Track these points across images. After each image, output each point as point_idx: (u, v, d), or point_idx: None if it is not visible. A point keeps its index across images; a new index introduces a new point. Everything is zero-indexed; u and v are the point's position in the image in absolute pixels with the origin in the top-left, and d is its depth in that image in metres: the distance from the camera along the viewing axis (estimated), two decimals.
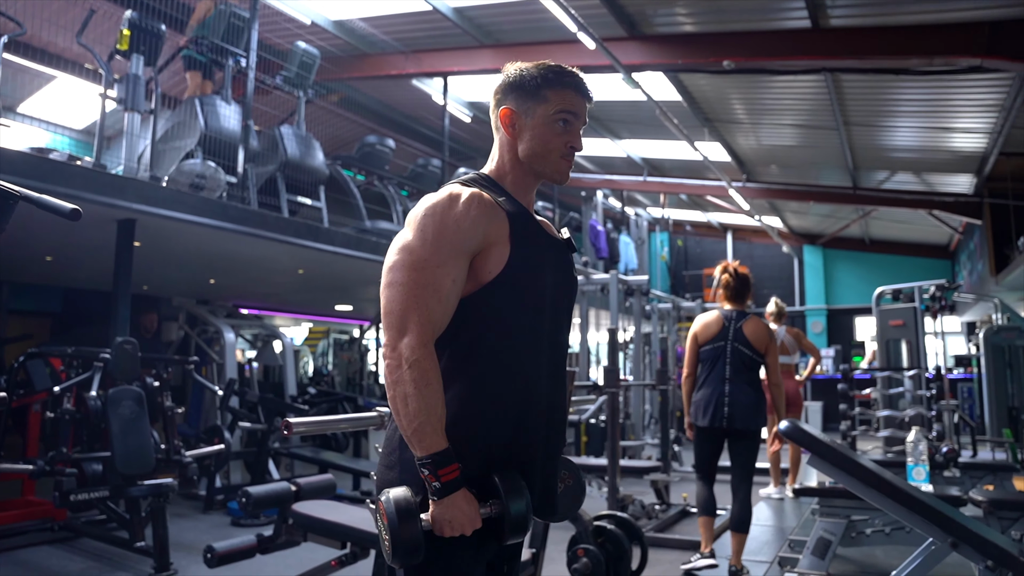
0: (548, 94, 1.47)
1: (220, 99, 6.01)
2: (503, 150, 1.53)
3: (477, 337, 1.40)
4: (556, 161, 1.49)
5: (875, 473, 2.53)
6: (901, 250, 14.77)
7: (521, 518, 1.34)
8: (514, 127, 1.49)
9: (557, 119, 1.47)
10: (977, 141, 8.31)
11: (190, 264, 6.56)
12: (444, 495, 1.29)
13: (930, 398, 6.83)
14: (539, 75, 1.48)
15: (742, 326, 3.94)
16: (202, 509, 5.36)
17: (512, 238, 1.42)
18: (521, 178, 1.52)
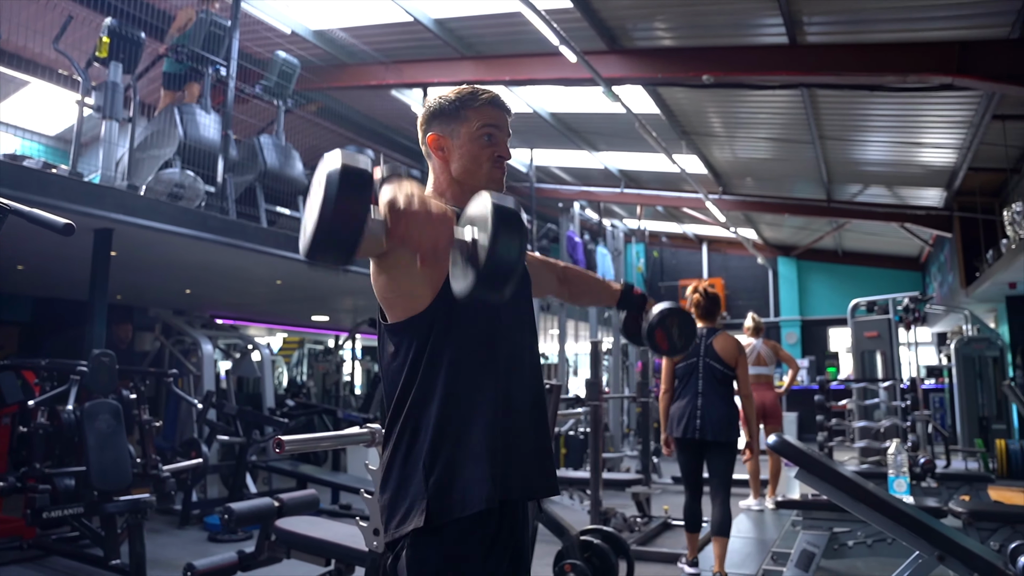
0: (467, 113, 1.53)
1: (199, 108, 5.95)
2: (437, 174, 1.58)
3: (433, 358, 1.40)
4: (488, 171, 1.54)
5: (863, 487, 2.55)
6: (873, 262, 15.02)
7: (512, 261, 1.05)
8: (443, 150, 1.55)
9: (481, 134, 1.53)
10: (947, 156, 8.48)
11: (167, 274, 6.47)
12: (393, 174, 1.18)
13: (905, 409, 6.93)
14: (456, 99, 1.55)
15: (712, 342, 4.19)
16: (178, 524, 5.25)
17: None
18: (459, 194, 1.54)
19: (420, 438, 1.37)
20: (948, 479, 5.10)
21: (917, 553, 2.56)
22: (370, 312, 9.63)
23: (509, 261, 1.04)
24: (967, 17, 5.59)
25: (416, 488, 1.34)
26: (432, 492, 1.32)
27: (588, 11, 6.51)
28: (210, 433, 5.41)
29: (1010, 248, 7.54)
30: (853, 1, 5.57)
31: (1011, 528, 3.65)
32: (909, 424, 6.75)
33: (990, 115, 6.90)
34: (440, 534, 1.31)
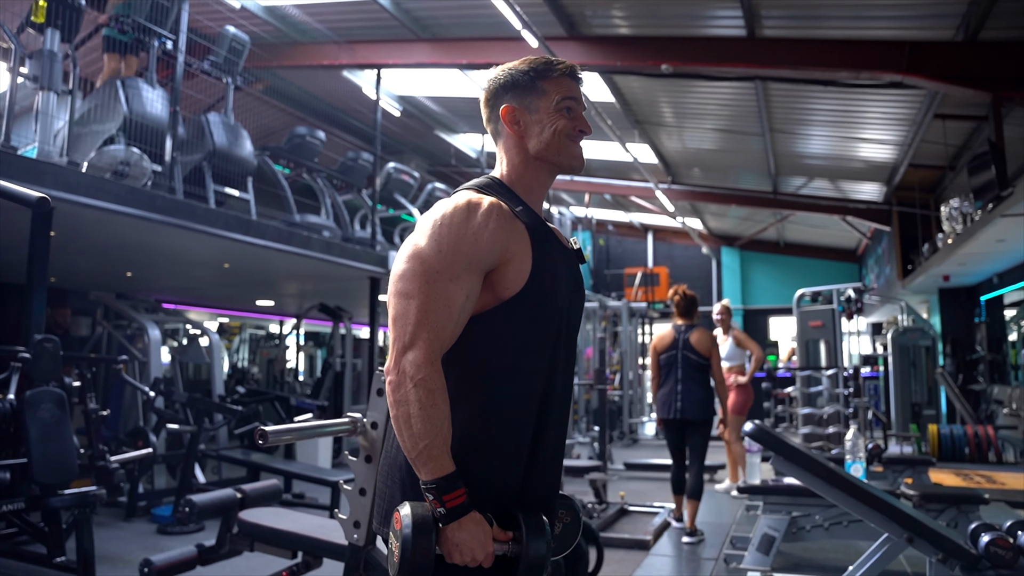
0: (544, 85, 1.43)
1: (144, 82, 5.67)
2: (511, 151, 1.46)
3: (489, 357, 1.32)
4: (569, 148, 1.44)
5: (838, 473, 2.61)
6: (813, 253, 15.49)
7: (540, 560, 1.26)
8: (519, 124, 1.44)
9: (561, 107, 1.43)
10: (889, 152, 8.78)
11: (107, 256, 6.17)
12: (449, 521, 1.22)
13: (847, 396, 7.15)
14: (530, 70, 1.44)
15: (689, 336, 4.87)
16: (124, 517, 5.04)
17: (534, 254, 1.35)
18: (535, 178, 1.46)
19: None
20: (893, 463, 5.29)
21: (887, 535, 2.64)
22: (317, 297, 9.43)
23: (539, 564, 1.27)
24: (916, 18, 5.77)
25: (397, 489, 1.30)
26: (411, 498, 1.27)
27: None
28: (158, 422, 5.19)
29: (946, 243, 7.86)
30: None
31: (956, 508, 3.81)
32: (852, 411, 6.98)
33: (932, 114, 7.15)
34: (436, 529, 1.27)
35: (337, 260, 6.82)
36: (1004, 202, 5.83)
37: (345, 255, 6.98)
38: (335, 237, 7.35)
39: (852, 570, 2.69)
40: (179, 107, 5.55)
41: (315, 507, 5.29)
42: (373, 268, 7.39)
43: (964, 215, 7.18)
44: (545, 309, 1.36)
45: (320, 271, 7.37)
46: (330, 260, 6.73)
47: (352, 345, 8.78)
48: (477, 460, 1.29)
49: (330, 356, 8.89)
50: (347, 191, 8.75)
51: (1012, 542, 2.56)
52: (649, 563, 4.17)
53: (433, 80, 9.27)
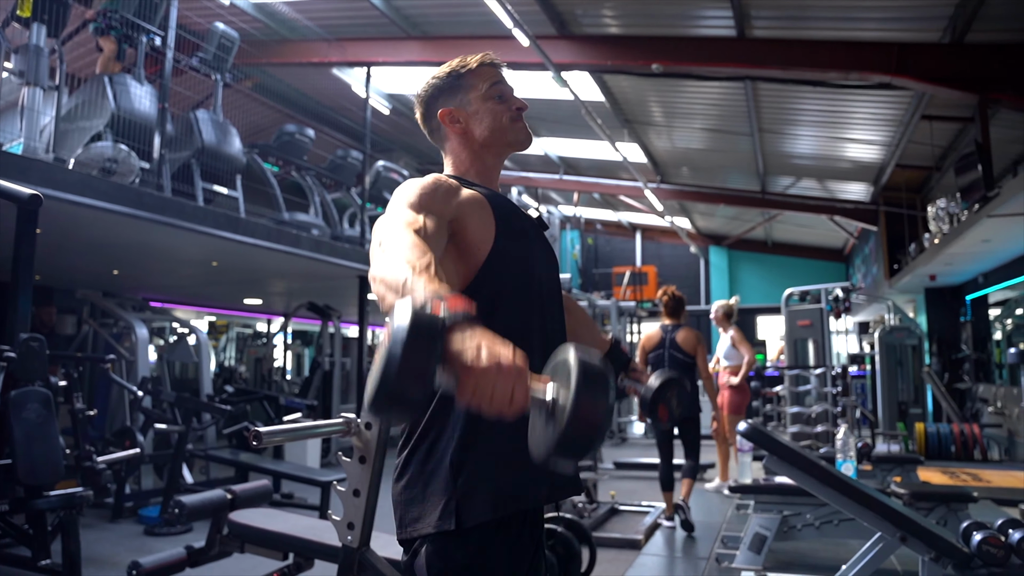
0: (468, 80, 1.49)
1: (132, 78, 5.61)
2: (456, 149, 1.52)
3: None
4: (511, 128, 1.50)
5: (832, 473, 2.61)
6: (800, 252, 15.57)
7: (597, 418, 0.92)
8: (459, 122, 1.49)
9: (491, 94, 1.49)
10: (876, 153, 8.83)
11: (93, 253, 6.10)
12: (456, 321, 0.94)
13: (836, 395, 7.19)
14: (449, 72, 1.52)
15: (675, 336, 5.13)
16: (110, 518, 4.98)
17: (494, 211, 1.38)
18: (484, 165, 1.51)
19: (447, 434, 1.28)
20: (881, 461, 5.32)
21: (880, 534, 2.64)
22: (305, 295, 9.38)
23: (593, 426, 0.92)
24: (904, 20, 5.81)
25: (440, 486, 1.26)
26: (462, 492, 1.24)
27: None
28: (146, 421, 5.14)
29: (933, 242, 7.92)
30: None
31: (946, 507, 3.83)
32: (840, 409, 7.01)
33: (919, 115, 7.21)
34: (466, 535, 1.24)
35: (326, 259, 6.78)
36: (991, 202, 5.88)
37: (334, 254, 6.94)
38: (324, 235, 7.31)
39: (845, 569, 2.70)
40: (168, 104, 5.49)
41: (304, 507, 5.26)
42: (362, 267, 7.36)
43: (951, 215, 7.24)
44: (519, 272, 1.37)
45: (309, 269, 7.32)
46: (319, 259, 6.69)
47: (341, 344, 8.74)
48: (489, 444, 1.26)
49: (319, 355, 8.85)
50: (336, 189, 8.71)
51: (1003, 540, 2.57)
52: (641, 562, 4.17)
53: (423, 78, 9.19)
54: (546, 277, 1.45)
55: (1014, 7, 5.38)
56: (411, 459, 1.32)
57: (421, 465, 1.30)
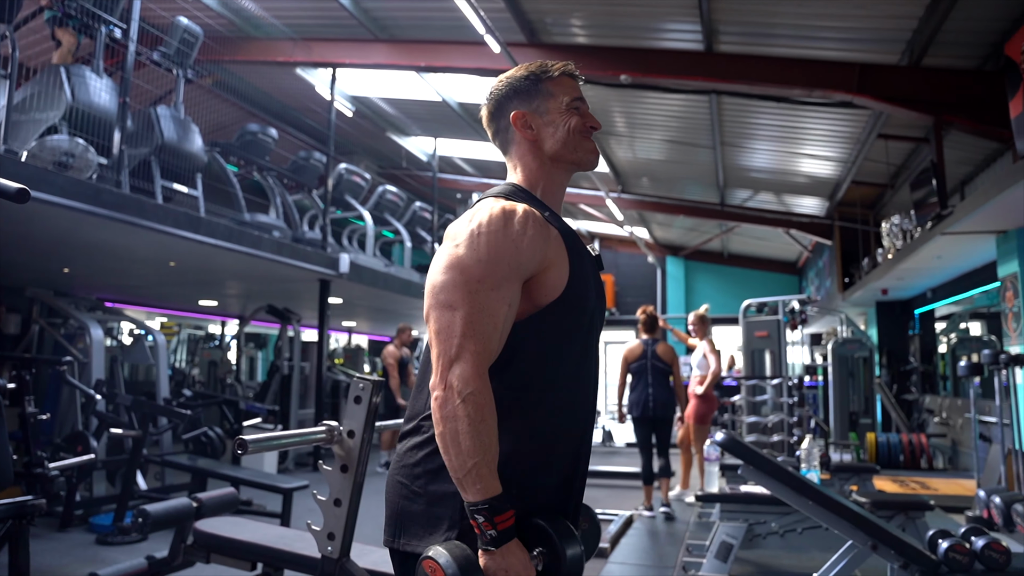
0: (548, 87, 1.43)
1: (90, 70, 5.43)
2: (526, 156, 1.44)
3: (530, 365, 1.29)
4: (583, 145, 1.43)
5: (807, 484, 2.66)
6: (755, 264, 15.88)
7: (577, 564, 1.22)
8: (532, 128, 1.42)
9: (570, 107, 1.43)
10: (833, 169, 9.07)
11: (45, 251, 5.87)
12: (501, 543, 1.16)
13: (792, 405, 7.33)
14: (530, 74, 1.44)
15: (656, 348, 5.92)
16: (58, 527, 4.78)
17: (570, 259, 1.33)
18: (553, 180, 1.45)
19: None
20: (839, 470, 5.45)
21: (851, 543, 2.70)
22: (264, 298, 9.19)
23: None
24: (865, 41, 5.98)
25: (446, 512, 1.23)
26: (466, 527, 1.21)
27: (511, 2, 6.46)
28: (100, 426, 4.95)
29: (886, 258, 8.15)
30: (769, 16, 5.81)
31: (904, 515, 3.93)
32: (796, 419, 7.15)
33: (876, 134, 7.42)
34: None
35: (287, 261, 6.66)
36: (944, 220, 6.08)
37: (295, 256, 6.82)
38: (285, 237, 7.18)
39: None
40: (128, 98, 5.32)
41: (264, 515, 5.13)
42: (323, 270, 7.25)
43: (904, 231, 7.46)
44: (579, 315, 1.34)
45: (269, 272, 7.18)
46: (280, 261, 6.57)
47: (300, 348, 8.58)
48: (522, 470, 1.25)
49: (277, 359, 8.67)
50: (297, 191, 8.57)
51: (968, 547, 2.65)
52: (608, 571, 4.17)
53: (388, 81, 9.17)
54: (598, 316, 1.42)
55: (967, 35, 5.59)
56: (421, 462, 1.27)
57: (431, 478, 1.26)
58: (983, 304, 8.81)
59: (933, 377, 10.11)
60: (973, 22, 5.40)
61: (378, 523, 1.39)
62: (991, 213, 5.40)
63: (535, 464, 1.28)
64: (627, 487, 7.17)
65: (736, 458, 2.76)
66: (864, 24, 5.73)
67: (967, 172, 7.86)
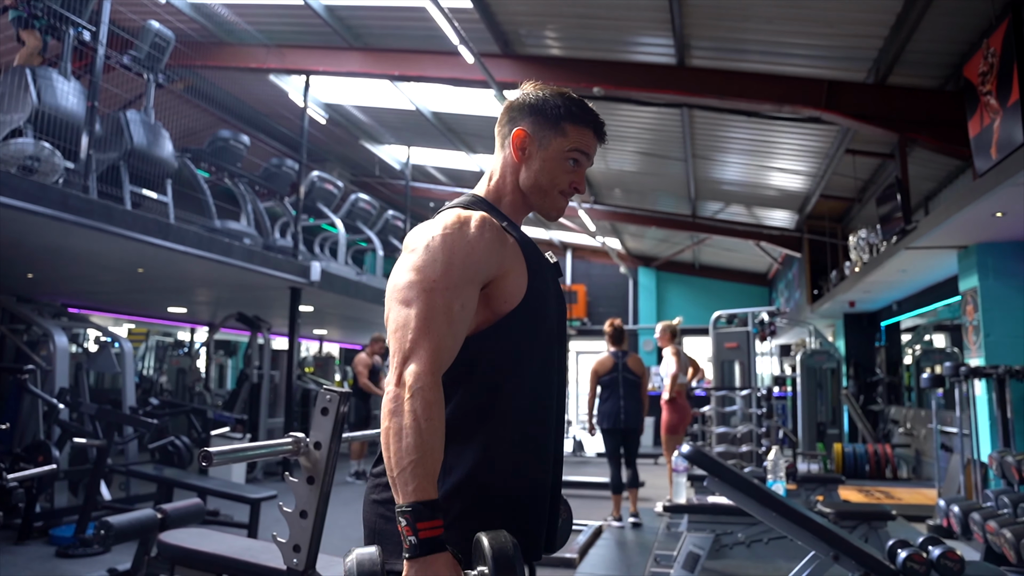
0: (568, 128, 1.40)
1: (57, 73, 5.35)
2: (505, 171, 1.44)
3: (494, 374, 1.30)
4: (556, 198, 1.43)
5: (770, 495, 2.69)
6: (726, 276, 16.06)
7: None
8: (524, 151, 1.41)
9: (570, 156, 1.40)
10: (802, 183, 9.23)
11: (8, 255, 5.76)
12: (420, 554, 1.10)
13: (761, 416, 7.42)
14: (562, 105, 1.40)
15: (626, 361, 5.99)
16: (16, 539, 4.67)
17: (528, 267, 1.34)
18: (518, 202, 1.45)
19: (441, 473, 1.24)
20: (805, 481, 5.52)
21: (814, 553, 2.74)
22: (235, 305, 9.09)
23: None
24: (833, 59, 6.11)
25: None
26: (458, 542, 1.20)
27: (485, 12, 6.51)
28: (62, 435, 4.85)
29: (853, 271, 8.30)
30: (740, 32, 5.91)
31: (868, 524, 3.99)
32: (764, 430, 7.23)
33: (844, 149, 7.57)
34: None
35: (258, 268, 6.60)
36: (908, 235, 6.21)
37: (266, 264, 6.76)
38: (256, 245, 7.12)
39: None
40: (97, 102, 5.25)
41: (231, 525, 5.07)
42: (294, 278, 7.19)
43: (871, 245, 7.61)
44: (540, 322, 1.35)
45: (240, 279, 7.11)
46: (251, 268, 6.50)
47: (270, 356, 8.50)
48: (493, 478, 1.26)
49: (247, 367, 8.58)
50: (269, 198, 8.51)
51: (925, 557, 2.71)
52: None
53: (361, 89, 9.16)
54: (560, 328, 1.43)
55: (930, 56, 5.74)
56: None
57: None
58: (946, 317, 9.00)
59: (898, 388, 10.29)
60: (935, 43, 5.55)
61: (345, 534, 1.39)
62: (952, 229, 5.53)
63: (503, 472, 1.28)
64: (597, 497, 7.19)
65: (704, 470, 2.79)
66: (832, 42, 5.86)
67: (931, 188, 8.05)
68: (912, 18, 5.14)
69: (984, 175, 4.85)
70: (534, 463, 1.33)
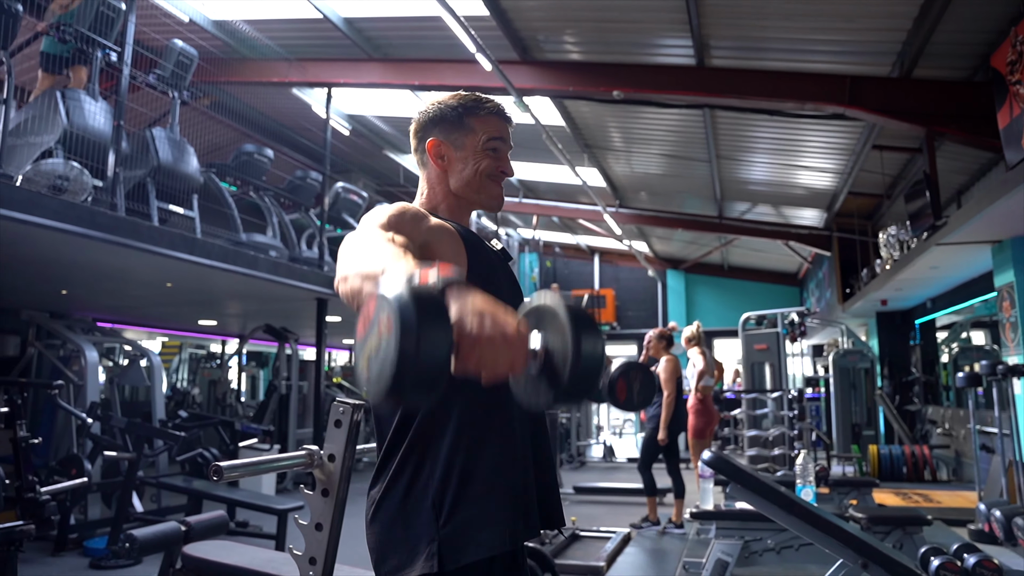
0: (473, 123, 1.44)
1: (85, 94, 5.47)
2: (433, 184, 1.48)
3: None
4: (489, 187, 1.46)
5: (796, 502, 2.64)
6: (755, 276, 15.85)
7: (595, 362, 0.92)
8: (443, 158, 1.45)
9: (487, 147, 1.44)
10: (829, 180, 9.07)
11: (41, 273, 5.90)
12: (451, 281, 0.91)
13: (792, 418, 7.30)
14: (459, 105, 1.46)
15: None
16: (52, 551, 4.76)
17: (468, 251, 1.35)
18: (454, 207, 1.47)
19: (425, 471, 1.25)
20: (838, 484, 5.41)
21: (841, 561, 2.67)
22: (262, 317, 9.19)
23: (595, 369, 0.93)
24: (856, 54, 6.00)
25: (422, 529, 1.23)
26: (445, 534, 1.21)
27: (503, 20, 6.51)
28: (94, 448, 4.94)
29: (884, 268, 8.14)
30: (759, 30, 5.84)
31: (902, 530, 3.90)
32: (796, 433, 7.12)
33: (870, 145, 7.43)
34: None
35: (284, 280, 6.67)
36: (938, 231, 6.07)
37: (292, 275, 6.83)
38: (282, 257, 7.20)
39: None
40: (123, 121, 5.36)
41: (260, 536, 5.11)
42: (320, 289, 7.25)
43: (901, 242, 7.45)
44: None
45: (266, 291, 7.19)
46: (276, 280, 6.58)
47: (298, 367, 8.58)
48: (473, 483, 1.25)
49: (275, 378, 8.67)
50: (294, 210, 8.60)
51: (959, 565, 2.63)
52: None
53: (383, 100, 9.23)
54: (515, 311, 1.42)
55: (956, 47, 5.61)
56: (386, 498, 1.28)
57: (400, 505, 1.26)
58: (984, 313, 8.78)
59: (936, 387, 10.06)
60: (961, 34, 5.42)
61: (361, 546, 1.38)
62: (985, 223, 5.39)
63: (477, 452, 1.27)
64: (627, 503, 7.13)
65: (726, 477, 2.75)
66: (853, 36, 5.76)
67: (963, 181, 7.86)
68: (936, 8, 5.02)
69: (1016, 167, 4.72)
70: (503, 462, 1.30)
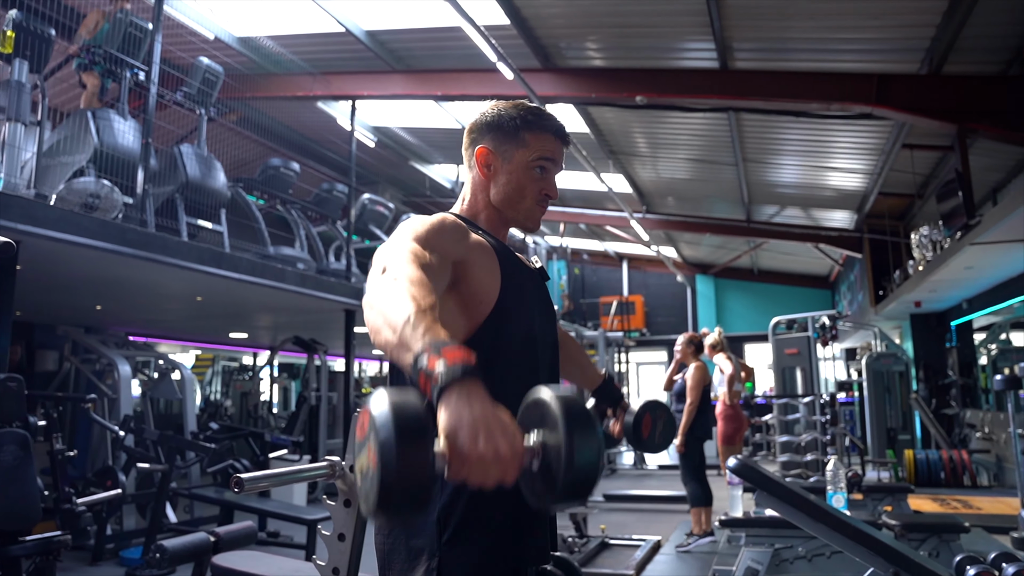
0: (527, 138, 1.41)
1: (115, 113, 5.60)
2: (476, 191, 1.46)
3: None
4: (529, 208, 1.43)
5: (823, 508, 2.58)
6: (786, 280, 15.65)
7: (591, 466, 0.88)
8: (489, 168, 1.42)
9: (535, 165, 1.41)
10: (859, 181, 8.93)
11: (76, 289, 6.03)
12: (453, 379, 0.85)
13: (825, 423, 7.17)
14: (518, 116, 1.42)
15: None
16: (90, 560, 4.86)
17: (502, 269, 1.33)
18: (494, 218, 1.45)
19: (436, 485, 1.25)
20: (872, 490, 5.29)
21: (872, 570, 2.61)
22: (291, 329, 9.30)
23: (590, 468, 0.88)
24: (883, 51, 5.91)
25: (425, 541, 1.23)
26: (446, 550, 1.21)
27: (524, 28, 6.53)
28: (128, 460, 5.03)
29: (917, 269, 7.98)
30: (782, 31, 5.78)
31: (938, 538, 3.80)
32: (829, 438, 6.99)
33: (900, 144, 7.30)
34: None
35: (312, 292, 6.74)
36: (972, 231, 5.94)
37: (320, 287, 6.90)
38: (309, 269, 7.27)
39: None
40: (151, 138, 5.47)
41: (290, 546, 5.15)
42: (348, 300, 7.31)
43: (934, 242, 7.30)
44: (521, 327, 1.33)
45: (294, 303, 7.27)
46: (304, 293, 6.65)
47: (327, 378, 8.65)
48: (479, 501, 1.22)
49: (305, 390, 8.75)
50: (321, 222, 8.69)
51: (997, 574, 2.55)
52: None
53: (408, 111, 9.30)
54: (546, 332, 1.41)
55: (987, 40, 5.49)
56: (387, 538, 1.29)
57: None
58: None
59: (974, 390, 9.82)
60: (993, 27, 5.31)
61: None
62: (1019, 222, 5.26)
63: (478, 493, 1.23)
64: (657, 511, 7.07)
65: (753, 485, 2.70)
66: (880, 34, 5.67)
67: (999, 179, 7.69)
68: (967, 1, 4.92)
69: None
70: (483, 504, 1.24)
